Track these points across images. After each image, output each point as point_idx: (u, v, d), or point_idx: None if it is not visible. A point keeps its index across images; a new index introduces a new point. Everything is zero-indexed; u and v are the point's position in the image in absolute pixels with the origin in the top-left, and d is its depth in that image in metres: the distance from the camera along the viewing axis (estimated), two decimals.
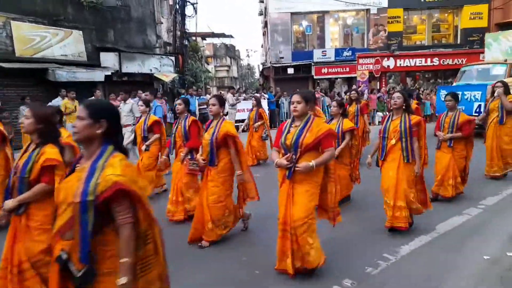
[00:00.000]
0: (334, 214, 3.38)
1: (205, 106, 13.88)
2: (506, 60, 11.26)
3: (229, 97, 13.84)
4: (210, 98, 4.28)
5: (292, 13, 21.71)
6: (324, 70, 21.74)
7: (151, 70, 14.40)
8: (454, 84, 12.31)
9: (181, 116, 4.86)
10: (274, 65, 21.85)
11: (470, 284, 3.11)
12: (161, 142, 5.75)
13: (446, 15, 22.98)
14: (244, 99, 14.52)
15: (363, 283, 3.19)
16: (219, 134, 3.91)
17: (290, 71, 21.61)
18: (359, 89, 17.08)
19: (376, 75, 20.31)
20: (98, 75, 12.49)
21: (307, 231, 3.07)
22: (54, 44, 11.81)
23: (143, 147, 5.70)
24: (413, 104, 6.70)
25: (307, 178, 3.10)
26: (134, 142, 6.48)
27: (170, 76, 14.64)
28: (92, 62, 12.90)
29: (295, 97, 3.18)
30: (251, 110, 8.80)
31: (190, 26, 19.38)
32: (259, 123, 8.21)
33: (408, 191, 4.02)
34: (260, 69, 31.94)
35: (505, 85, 6.22)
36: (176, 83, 15.65)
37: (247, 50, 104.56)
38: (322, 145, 3.11)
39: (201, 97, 14.20)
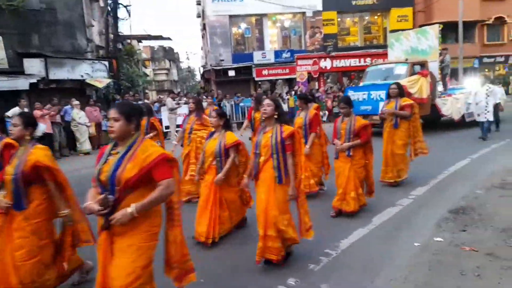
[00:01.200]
0: (182, 271, 2.53)
1: None
2: (407, 60, 11.47)
3: (168, 101, 13.48)
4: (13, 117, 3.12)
5: (230, 16, 21.75)
6: (265, 72, 22.03)
7: (82, 76, 13.55)
8: (361, 84, 12.49)
9: None
10: (215, 67, 21.72)
11: (403, 272, 3.26)
12: None
13: (375, 17, 24.46)
14: (185, 103, 14.21)
15: (306, 280, 3.24)
16: (25, 166, 2.88)
17: (231, 73, 21.60)
18: (299, 89, 17.57)
19: (314, 76, 21.01)
20: (21, 83, 11.53)
21: None
22: None
23: None
24: (313, 108, 5.78)
25: (132, 227, 2.21)
26: None
27: (104, 82, 13.89)
28: (15, 69, 11.87)
29: (111, 112, 2.29)
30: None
31: (124, 29, 18.58)
32: (151, 134, 6.68)
33: (279, 218, 3.34)
34: (201, 72, 31.62)
35: (399, 87, 6.00)
36: (111, 88, 14.90)
37: (186, 52, 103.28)
38: (154, 177, 2.23)
39: (139, 102, 13.69)
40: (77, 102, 11.33)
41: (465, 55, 22.02)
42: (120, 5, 15.56)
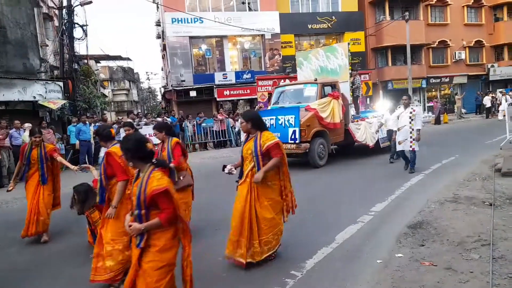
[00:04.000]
0: None
1: None
2: (316, 80, 10.35)
3: None
4: None
5: (190, 37, 21.84)
6: (226, 92, 22.19)
7: (34, 97, 12.91)
8: (269, 107, 10.92)
9: None
10: (176, 88, 21.57)
11: None
12: None
13: (330, 40, 25.54)
14: (146, 124, 13.94)
15: None
16: None
17: (193, 94, 21.56)
18: (258, 108, 17.77)
19: None
20: None
21: None
22: None
23: None
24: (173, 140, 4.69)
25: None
26: None
27: (58, 103, 13.28)
28: None
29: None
30: None
31: (81, 49, 18.05)
32: None
33: None
34: (162, 92, 31.23)
35: (252, 119, 3.86)
36: (66, 110, 14.27)
37: (147, 73, 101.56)
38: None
39: (97, 124, 13.23)
40: (29, 125, 10.72)
41: (413, 76, 23.53)
42: (76, 25, 15.11)
